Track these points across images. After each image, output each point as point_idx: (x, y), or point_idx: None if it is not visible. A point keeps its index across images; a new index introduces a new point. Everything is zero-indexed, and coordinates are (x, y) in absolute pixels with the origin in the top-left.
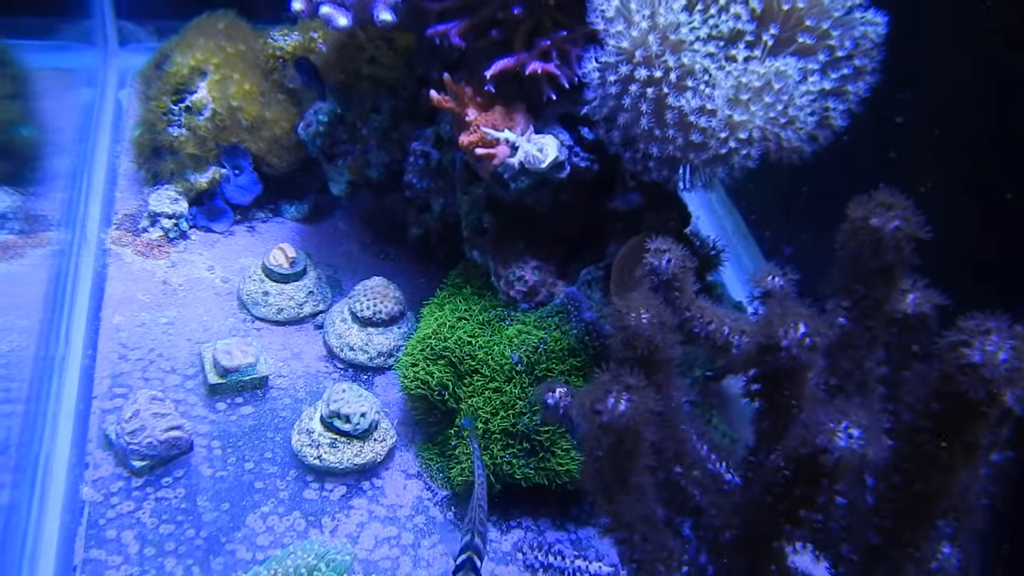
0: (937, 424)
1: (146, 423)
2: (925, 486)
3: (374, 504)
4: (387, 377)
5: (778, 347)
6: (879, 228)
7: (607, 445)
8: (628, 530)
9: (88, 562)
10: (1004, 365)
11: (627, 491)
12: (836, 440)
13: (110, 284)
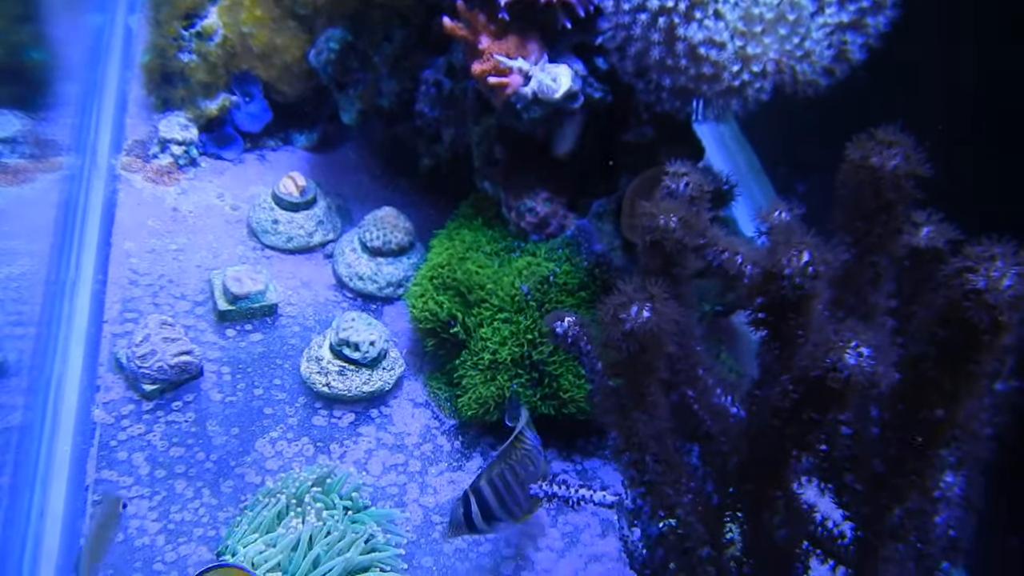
0: (941, 352)
1: (156, 348)
2: (929, 414)
3: (382, 432)
4: (396, 307)
5: (781, 276)
6: (879, 167)
7: (628, 355)
8: (640, 450)
9: (100, 482)
10: (1008, 291)
11: (643, 408)
12: (846, 358)
13: (120, 210)
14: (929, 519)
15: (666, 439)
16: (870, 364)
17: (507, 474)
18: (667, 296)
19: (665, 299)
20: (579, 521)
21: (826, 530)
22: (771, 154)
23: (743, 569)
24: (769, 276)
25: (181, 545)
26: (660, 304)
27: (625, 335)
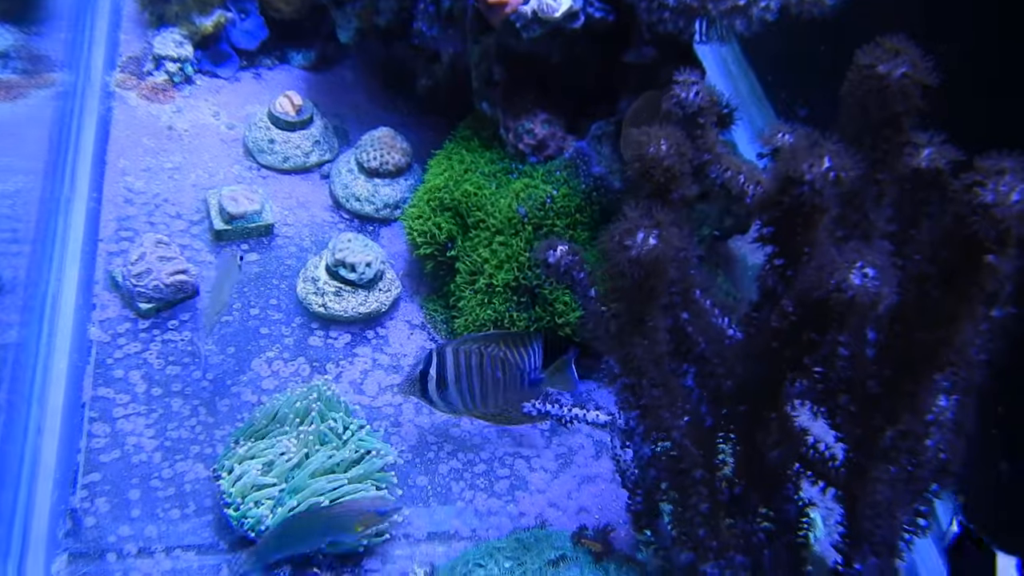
0: (945, 271)
1: (152, 266)
2: (927, 335)
3: (378, 353)
4: (393, 229)
5: (801, 180)
6: (885, 75)
7: (633, 281)
8: (638, 375)
9: (96, 400)
10: (1017, 206)
11: (642, 333)
12: (851, 278)
13: (115, 128)
14: (920, 441)
15: (663, 363)
16: (874, 284)
17: (475, 357)
18: (672, 222)
19: (671, 225)
20: (573, 442)
21: (818, 452)
22: (773, 79)
23: (734, 490)
24: (787, 181)
25: (178, 462)
26: (666, 231)
27: (631, 262)
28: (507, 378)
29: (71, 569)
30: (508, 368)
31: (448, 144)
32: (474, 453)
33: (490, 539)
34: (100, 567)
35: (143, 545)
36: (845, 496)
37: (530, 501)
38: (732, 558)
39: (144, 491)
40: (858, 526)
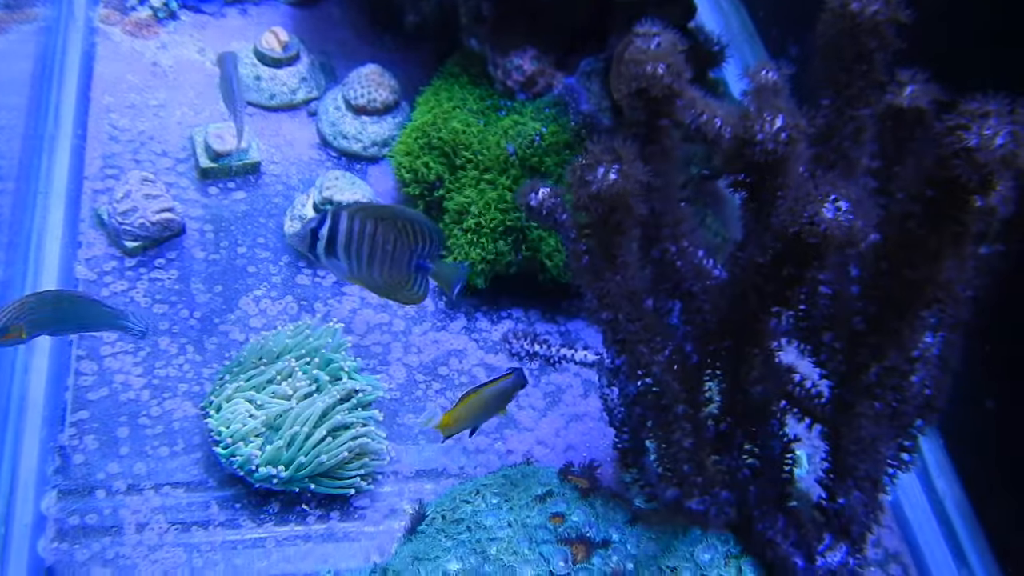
0: (927, 210)
1: (138, 204)
2: (912, 273)
3: (365, 291)
4: (380, 167)
5: (753, 141)
6: (858, 12)
7: (596, 216)
8: (614, 309)
9: (84, 337)
10: (1000, 150)
11: (614, 269)
12: (823, 212)
13: (99, 64)
14: (905, 377)
15: (639, 299)
16: (847, 218)
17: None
18: (635, 157)
19: (633, 160)
20: (561, 381)
21: (803, 389)
22: (765, 15)
23: (720, 426)
24: (741, 142)
25: (166, 400)
26: (628, 165)
27: (591, 197)
28: (396, 253)
29: (60, 506)
30: (399, 245)
31: (436, 81)
32: (462, 391)
33: (478, 476)
34: (89, 504)
35: (132, 482)
36: (830, 432)
37: (518, 439)
38: (717, 494)
39: (132, 429)
40: (842, 461)
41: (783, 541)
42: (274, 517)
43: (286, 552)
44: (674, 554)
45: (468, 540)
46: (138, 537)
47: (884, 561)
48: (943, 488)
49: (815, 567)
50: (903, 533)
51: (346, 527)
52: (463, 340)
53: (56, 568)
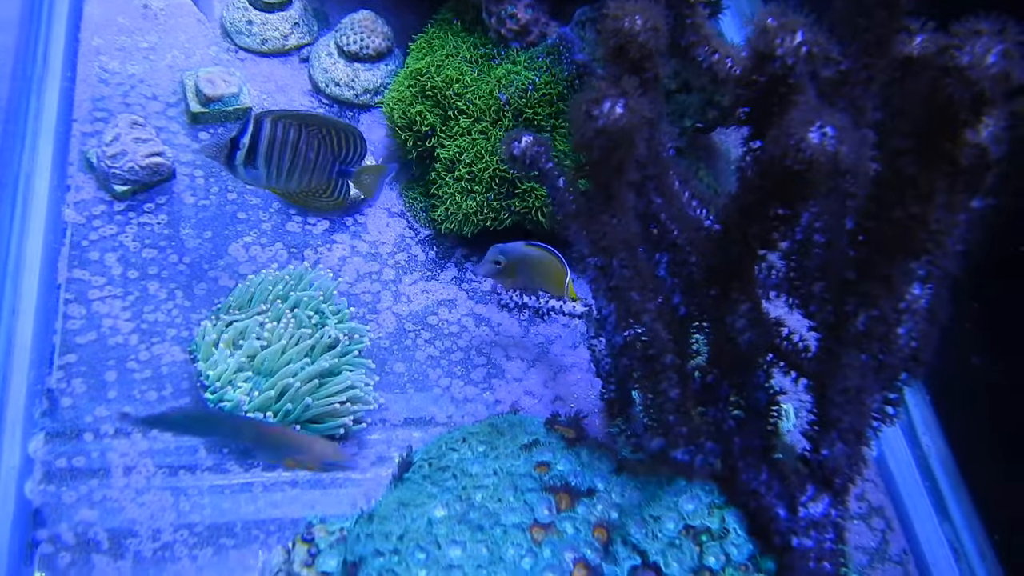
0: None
1: (127, 148)
2: (902, 214)
3: (356, 240)
4: (372, 115)
5: (773, 56)
6: None
7: (599, 152)
8: (607, 254)
9: (72, 281)
10: (992, 68)
11: (611, 211)
12: (809, 137)
13: (88, 5)
14: (892, 329)
15: (634, 244)
16: (833, 143)
17: (293, 132)
18: (640, 92)
19: (639, 94)
20: (550, 333)
21: (791, 343)
22: None
23: (706, 378)
24: (760, 57)
25: (155, 345)
26: (634, 100)
27: (598, 132)
28: (318, 160)
29: (48, 448)
30: (322, 152)
31: (429, 28)
32: (451, 341)
33: (466, 425)
34: (77, 447)
35: (120, 426)
36: (815, 384)
37: (506, 389)
38: (702, 444)
39: (121, 373)
40: (827, 413)
41: (767, 492)
42: (261, 462)
43: (273, 497)
44: (658, 504)
45: (454, 487)
46: (125, 480)
47: (867, 515)
48: (928, 444)
49: (798, 517)
50: (887, 487)
51: (334, 474)
52: (453, 290)
53: (43, 510)
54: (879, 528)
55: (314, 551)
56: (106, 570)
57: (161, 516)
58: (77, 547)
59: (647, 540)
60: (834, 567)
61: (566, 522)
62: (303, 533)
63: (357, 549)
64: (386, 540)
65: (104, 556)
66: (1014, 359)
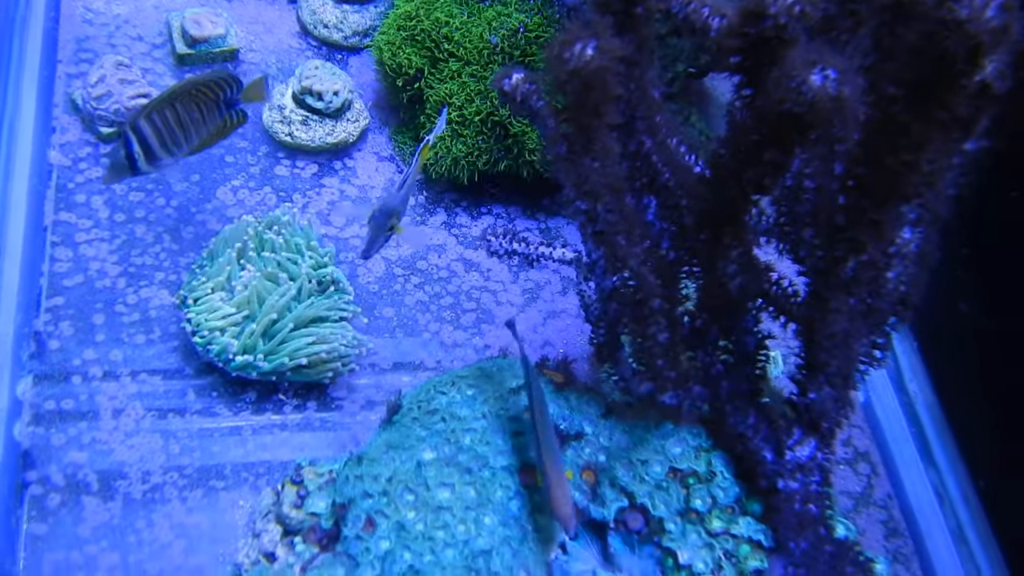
0: (913, 92)
1: (113, 89)
2: (895, 161)
3: (345, 184)
4: (361, 58)
5: (764, 14)
6: None
7: (573, 94)
8: (592, 199)
9: (58, 224)
10: (992, 20)
11: (592, 154)
12: (811, 79)
13: None
14: (882, 273)
15: (618, 188)
16: (835, 86)
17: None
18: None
19: (611, 36)
20: (540, 279)
21: (780, 288)
22: None
23: (695, 323)
24: (750, 15)
25: (142, 288)
26: (605, 41)
27: (569, 74)
28: (205, 113)
29: (36, 391)
30: (205, 108)
31: None
32: (441, 286)
33: (455, 369)
34: (65, 389)
35: (108, 369)
36: (804, 328)
37: (495, 334)
38: (690, 388)
39: (108, 316)
40: (815, 357)
41: (753, 435)
42: (251, 406)
43: (263, 440)
44: (646, 447)
45: (443, 430)
46: (114, 423)
47: (853, 460)
48: (915, 390)
49: (784, 460)
50: (873, 433)
51: (323, 417)
52: (443, 235)
53: (32, 452)
54: (864, 473)
55: (303, 493)
56: (96, 511)
57: (151, 458)
58: (67, 488)
59: (634, 483)
60: (819, 509)
61: None
62: (292, 475)
63: (346, 491)
64: (375, 482)
65: (94, 497)
66: (1002, 306)
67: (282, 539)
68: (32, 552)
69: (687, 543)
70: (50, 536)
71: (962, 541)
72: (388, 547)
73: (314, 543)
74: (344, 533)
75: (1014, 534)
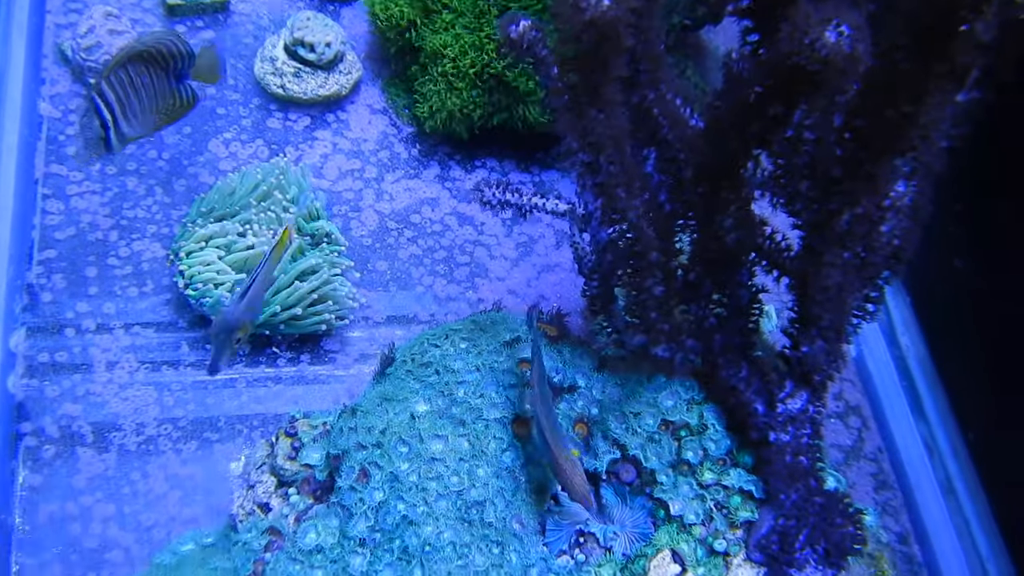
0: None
1: (102, 40)
2: (893, 113)
3: (338, 137)
4: (354, 9)
5: None
6: None
7: (588, 44)
8: (595, 150)
9: (49, 176)
10: None
11: (599, 106)
12: (826, 35)
13: None
14: (876, 227)
15: (621, 140)
16: (849, 42)
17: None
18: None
19: None
20: (534, 232)
21: (774, 242)
22: None
23: (689, 276)
24: None
25: (135, 241)
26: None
27: (585, 24)
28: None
29: (30, 343)
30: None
31: None
32: (434, 240)
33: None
34: (59, 342)
35: (101, 321)
36: (797, 282)
37: (489, 288)
38: (683, 341)
39: (101, 269)
40: (807, 311)
41: (745, 388)
42: (244, 359)
43: (257, 393)
44: (638, 400)
45: (436, 383)
46: (108, 375)
47: (844, 413)
48: (907, 344)
49: (775, 413)
50: (864, 387)
51: (316, 370)
52: (436, 188)
53: (26, 404)
54: (855, 427)
55: (297, 444)
56: (91, 463)
57: (145, 410)
58: (61, 440)
59: (627, 435)
60: (810, 461)
61: None
62: (286, 427)
63: (340, 442)
64: (369, 434)
65: (89, 449)
66: (995, 262)
67: (276, 490)
68: (28, 502)
69: (679, 494)
70: (45, 487)
71: (951, 493)
72: (382, 498)
73: (308, 494)
74: (338, 484)
75: (1002, 486)
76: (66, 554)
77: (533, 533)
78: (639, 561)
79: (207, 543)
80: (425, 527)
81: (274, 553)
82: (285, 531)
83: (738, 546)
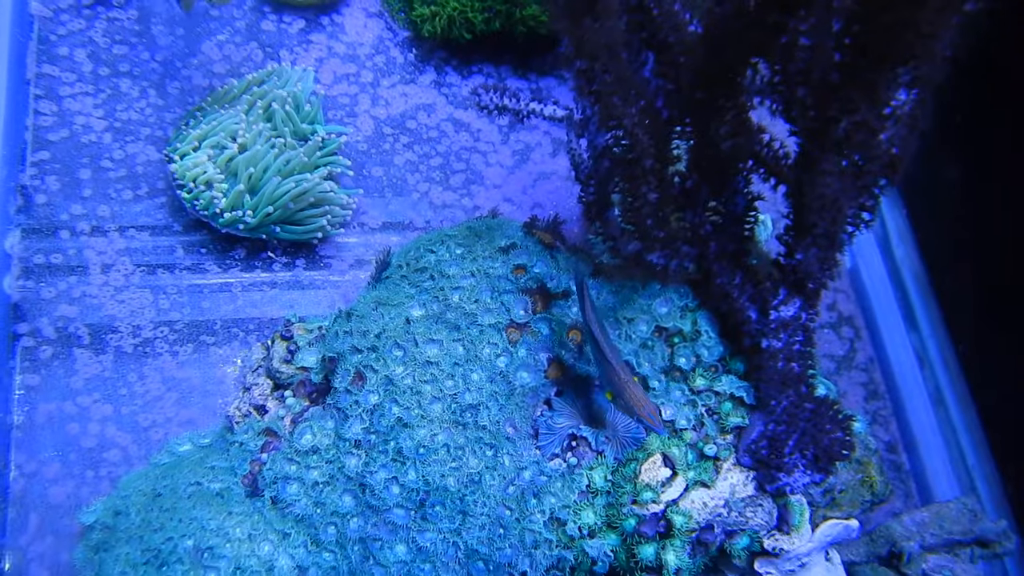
0: None
1: None
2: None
3: (333, 40)
4: None
5: None
6: None
7: None
8: (591, 58)
9: (41, 77)
10: None
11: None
12: None
13: None
14: (874, 134)
15: (615, 48)
16: None
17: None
18: None
19: None
20: (530, 139)
21: (771, 150)
22: None
23: (685, 183)
24: None
25: (128, 144)
26: None
27: None
28: None
29: (25, 244)
30: None
31: None
32: (430, 146)
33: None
34: (54, 244)
35: (96, 224)
36: (793, 189)
37: (485, 195)
38: (678, 248)
39: (95, 171)
40: (803, 218)
41: (739, 295)
42: (240, 263)
43: (252, 297)
44: (632, 306)
45: (431, 288)
46: (104, 278)
47: (837, 323)
48: (902, 256)
49: (768, 319)
50: (858, 298)
51: (312, 275)
52: (432, 94)
53: (22, 305)
54: (848, 337)
55: (293, 348)
56: (88, 364)
57: (141, 313)
58: (58, 341)
59: (620, 341)
60: (801, 368)
61: (542, 323)
62: (282, 331)
63: (335, 345)
64: (364, 337)
65: (85, 351)
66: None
67: (272, 392)
68: (26, 402)
69: (670, 399)
70: (43, 387)
71: (940, 404)
72: (377, 400)
73: (304, 396)
74: (334, 386)
75: (990, 397)
76: (65, 453)
77: (526, 437)
78: (630, 464)
79: (204, 443)
80: (419, 430)
81: (270, 453)
82: (281, 432)
83: (728, 451)
